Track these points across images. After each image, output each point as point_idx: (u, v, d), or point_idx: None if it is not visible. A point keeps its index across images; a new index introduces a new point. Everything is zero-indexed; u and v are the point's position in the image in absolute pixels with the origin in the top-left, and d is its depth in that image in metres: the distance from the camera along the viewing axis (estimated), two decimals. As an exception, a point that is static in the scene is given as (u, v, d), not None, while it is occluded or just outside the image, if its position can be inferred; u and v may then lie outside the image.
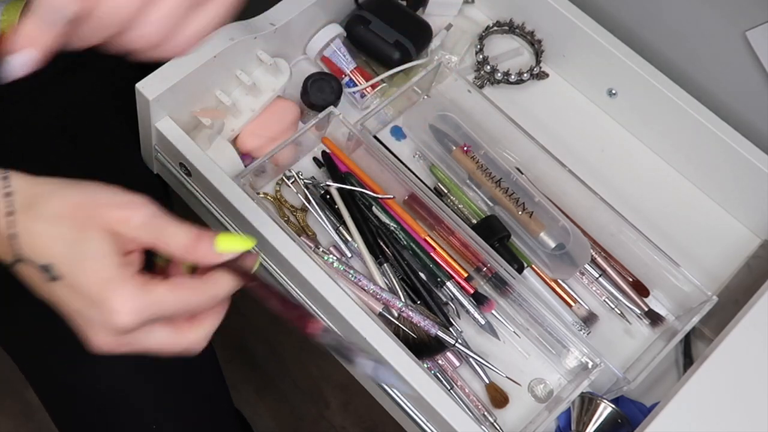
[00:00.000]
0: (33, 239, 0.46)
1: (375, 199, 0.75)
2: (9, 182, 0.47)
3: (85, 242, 0.46)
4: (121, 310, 0.45)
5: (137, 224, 0.47)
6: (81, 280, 0.45)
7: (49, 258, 0.46)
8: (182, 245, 0.47)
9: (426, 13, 0.87)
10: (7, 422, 1.31)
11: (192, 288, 0.48)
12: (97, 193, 0.47)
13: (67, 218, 0.46)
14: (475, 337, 0.74)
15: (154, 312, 0.46)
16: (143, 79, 0.68)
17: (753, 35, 0.76)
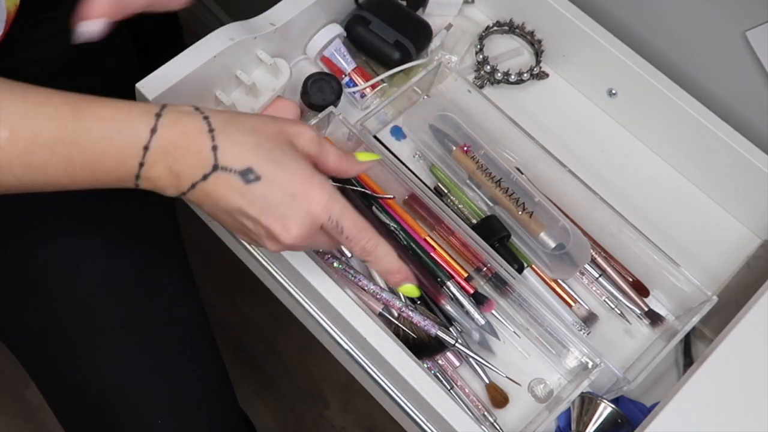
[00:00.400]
0: (233, 148, 0.54)
1: (375, 198, 0.75)
2: (203, 112, 0.55)
3: (281, 149, 0.55)
4: (320, 200, 0.54)
5: (309, 139, 0.57)
6: (284, 175, 0.54)
7: (248, 163, 0.53)
8: (337, 157, 0.59)
9: (426, 13, 0.87)
10: (7, 422, 1.31)
11: (368, 229, 0.57)
12: (275, 118, 0.57)
13: (260, 131, 0.55)
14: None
15: (340, 217, 0.55)
16: (143, 79, 0.68)
17: (753, 35, 0.76)
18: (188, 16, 1.58)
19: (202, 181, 0.54)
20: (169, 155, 0.54)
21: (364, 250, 0.57)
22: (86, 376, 0.72)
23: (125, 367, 0.72)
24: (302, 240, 0.55)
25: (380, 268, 0.59)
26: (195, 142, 0.53)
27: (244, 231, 0.57)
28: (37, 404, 1.32)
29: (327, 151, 0.58)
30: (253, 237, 0.57)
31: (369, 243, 0.57)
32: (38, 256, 0.73)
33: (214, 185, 0.54)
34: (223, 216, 0.56)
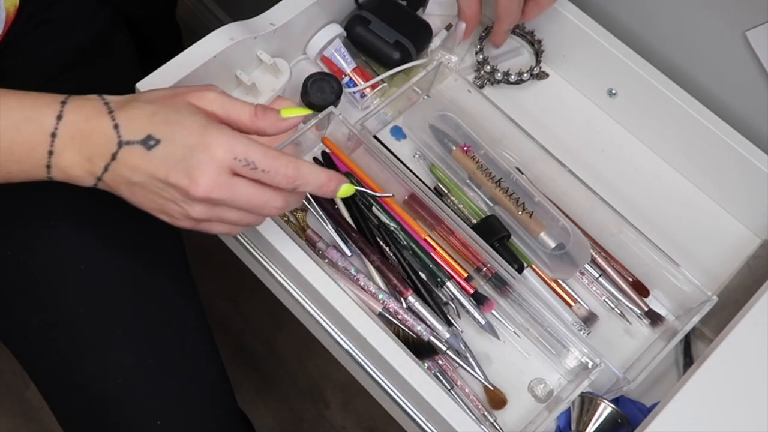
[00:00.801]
0: (132, 122, 0.54)
1: (374, 198, 0.75)
2: (104, 97, 0.57)
3: (177, 110, 0.55)
4: (219, 144, 0.53)
5: (211, 99, 0.56)
6: (181, 133, 0.54)
7: (147, 130, 0.54)
8: (250, 114, 0.57)
9: (426, 13, 0.87)
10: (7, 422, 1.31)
11: (282, 155, 0.55)
12: (175, 87, 0.58)
13: (155, 100, 0.56)
14: (475, 337, 0.74)
15: (246, 153, 0.54)
16: (143, 79, 0.68)
17: (753, 35, 0.76)
18: (188, 16, 1.59)
19: (112, 161, 0.54)
20: (76, 141, 0.55)
21: (287, 178, 0.56)
22: (86, 376, 0.72)
23: (125, 368, 0.72)
24: (215, 189, 0.54)
25: (312, 188, 0.58)
26: (98, 124, 0.54)
27: (162, 205, 0.56)
28: (37, 404, 1.32)
29: (238, 107, 0.57)
30: (173, 209, 0.56)
31: (289, 168, 0.56)
32: (38, 257, 0.73)
33: (124, 162, 0.54)
34: (140, 195, 0.56)
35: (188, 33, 1.24)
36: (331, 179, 0.58)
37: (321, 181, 0.58)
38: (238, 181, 0.55)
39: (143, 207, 0.57)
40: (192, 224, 0.58)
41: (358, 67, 0.81)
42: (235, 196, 0.55)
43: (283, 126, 0.59)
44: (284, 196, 0.57)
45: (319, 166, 0.58)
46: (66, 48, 0.81)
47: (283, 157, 0.55)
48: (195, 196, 0.54)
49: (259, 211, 0.57)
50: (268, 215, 0.59)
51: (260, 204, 0.56)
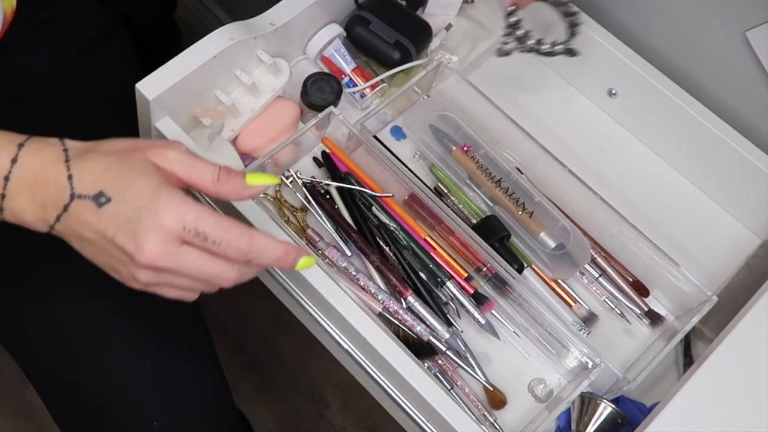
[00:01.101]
0: (86, 175, 0.52)
1: (374, 198, 0.75)
2: (64, 143, 0.54)
3: (131, 166, 0.52)
4: (167, 211, 0.50)
5: (171, 157, 0.53)
6: (131, 192, 0.51)
7: (100, 186, 0.52)
8: (212, 177, 0.54)
9: (426, 13, 0.87)
10: (7, 422, 1.31)
11: (235, 226, 0.52)
12: (138, 140, 0.55)
13: (114, 153, 0.53)
14: (475, 337, 0.74)
15: (197, 223, 0.51)
16: (143, 79, 0.68)
17: (753, 35, 0.76)
18: (188, 16, 1.59)
19: (64, 212, 0.52)
20: (30, 186, 0.53)
21: (240, 251, 0.52)
22: (83, 377, 0.72)
23: (122, 369, 0.71)
24: (161, 258, 0.51)
25: (268, 261, 0.54)
26: (53, 172, 0.52)
27: (111, 263, 0.54)
28: (37, 404, 1.32)
29: (200, 169, 0.54)
30: (122, 269, 0.53)
31: (242, 241, 0.52)
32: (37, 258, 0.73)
33: (75, 216, 0.52)
34: (91, 250, 0.54)
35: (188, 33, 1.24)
36: (288, 252, 0.55)
37: (277, 254, 0.54)
38: (187, 251, 0.52)
39: (95, 262, 0.55)
40: (141, 287, 0.54)
41: (358, 67, 0.81)
42: (183, 266, 0.52)
43: (246, 194, 0.55)
44: (238, 267, 0.54)
45: (276, 238, 0.54)
46: (66, 48, 0.81)
47: (237, 228, 0.52)
48: (139, 261, 0.51)
49: (210, 282, 0.54)
50: (221, 286, 0.55)
51: (211, 275, 0.53)
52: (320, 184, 0.76)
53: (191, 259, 0.52)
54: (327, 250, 0.72)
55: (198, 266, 0.52)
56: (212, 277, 0.53)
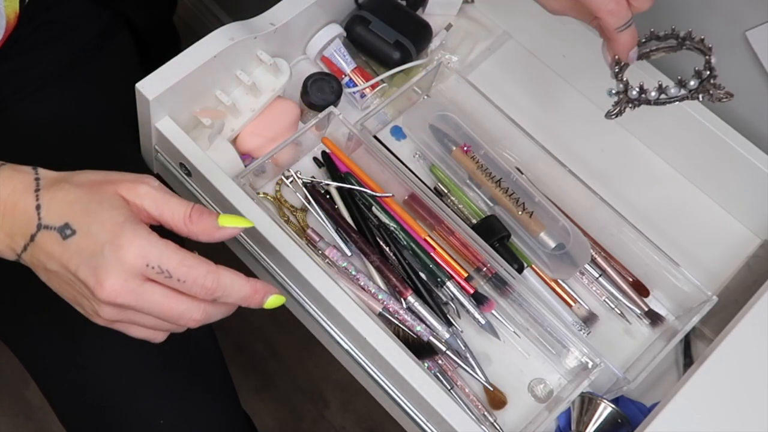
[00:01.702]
0: (54, 206, 0.51)
1: (374, 198, 0.75)
2: (37, 172, 0.53)
3: (99, 200, 0.51)
4: (130, 247, 0.49)
5: (143, 193, 0.52)
6: (96, 227, 0.50)
7: (66, 218, 0.51)
8: (184, 215, 0.52)
9: (426, 13, 0.87)
10: (7, 422, 1.31)
11: (201, 264, 0.51)
12: (110, 173, 0.54)
13: (84, 185, 0.52)
14: (475, 337, 0.74)
15: (160, 261, 0.50)
16: (143, 79, 0.68)
17: (753, 35, 0.76)
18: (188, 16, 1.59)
19: (31, 242, 0.52)
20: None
21: (206, 289, 0.51)
22: (87, 375, 0.72)
23: (126, 367, 0.72)
24: (122, 295, 0.50)
25: (235, 299, 0.53)
26: (22, 201, 0.52)
27: (75, 297, 0.53)
28: (37, 404, 1.32)
29: (172, 206, 0.53)
30: (85, 303, 0.53)
31: (208, 279, 0.51)
32: None
33: (41, 247, 0.52)
34: (56, 282, 0.54)
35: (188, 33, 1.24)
36: (256, 291, 0.53)
37: (244, 293, 0.53)
38: (149, 288, 0.50)
39: (60, 294, 0.54)
40: (105, 323, 0.53)
41: (358, 67, 0.81)
42: (145, 303, 0.51)
43: (217, 235, 0.53)
44: (204, 307, 0.52)
45: (244, 277, 0.52)
46: (66, 49, 0.81)
47: (203, 266, 0.51)
48: (99, 297, 0.50)
49: (175, 321, 0.52)
50: (185, 326, 0.54)
51: (175, 315, 0.51)
52: (320, 184, 0.76)
53: (154, 297, 0.50)
54: (327, 250, 0.72)
55: (161, 304, 0.51)
56: (176, 316, 0.51)
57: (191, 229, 0.53)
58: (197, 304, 0.52)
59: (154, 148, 0.74)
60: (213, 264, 0.51)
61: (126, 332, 0.55)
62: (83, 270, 0.50)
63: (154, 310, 0.51)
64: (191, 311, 0.52)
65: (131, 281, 0.50)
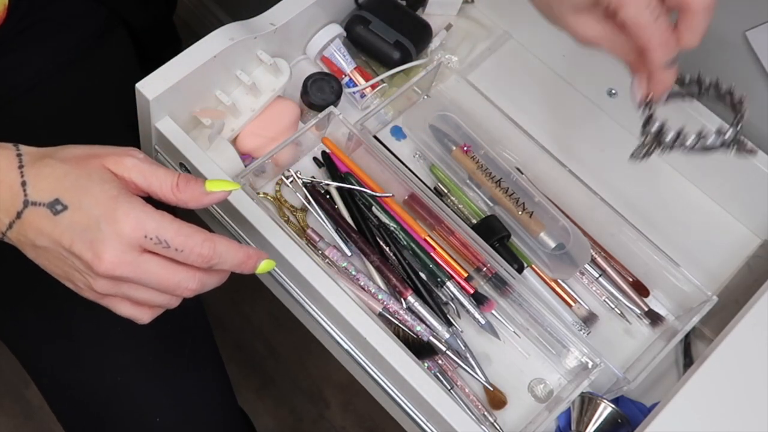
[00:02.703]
0: (40, 181, 0.51)
1: (374, 198, 0.75)
2: (18, 148, 0.53)
3: (89, 174, 0.51)
4: (127, 220, 0.49)
5: (130, 165, 0.52)
6: (89, 200, 0.50)
7: (56, 194, 0.51)
8: (171, 184, 0.53)
9: (426, 13, 0.87)
10: (7, 422, 1.31)
11: (197, 233, 0.51)
12: (95, 147, 0.54)
13: (70, 161, 0.52)
14: (475, 337, 0.74)
15: (158, 231, 0.50)
16: (143, 79, 0.68)
17: (753, 35, 0.76)
18: (188, 16, 1.59)
19: (17, 219, 0.51)
20: None
21: (202, 257, 0.51)
22: (86, 375, 0.72)
23: (125, 367, 0.72)
24: (120, 267, 0.50)
25: (230, 266, 0.53)
26: (6, 178, 0.51)
27: (67, 272, 0.53)
28: (37, 404, 1.32)
29: (159, 176, 0.53)
30: (78, 278, 0.53)
31: (204, 247, 0.51)
32: None
33: (29, 223, 0.51)
34: (45, 258, 0.53)
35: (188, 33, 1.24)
36: (249, 257, 0.54)
37: (239, 259, 0.53)
38: (148, 259, 0.51)
39: (48, 270, 0.54)
40: (96, 297, 0.54)
41: (358, 67, 0.81)
42: (143, 275, 0.51)
43: (205, 200, 0.54)
44: (199, 276, 0.53)
45: (237, 243, 0.53)
46: (63, 47, 0.81)
47: (198, 234, 0.51)
48: (98, 271, 0.50)
49: (171, 291, 0.53)
50: (182, 296, 0.54)
51: (172, 284, 0.52)
52: (320, 184, 0.76)
53: (151, 267, 0.51)
54: (327, 250, 0.72)
55: (158, 275, 0.51)
56: (173, 286, 0.52)
57: (179, 197, 0.53)
58: (193, 273, 0.52)
59: (154, 148, 0.74)
60: (208, 232, 0.52)
61: (114, 308, 0.54)
62: (78, 244, 0.50)
63: (151, 281, 0.51)
64: (187, 281, 0.52)
65: (129, 253, 0.50)
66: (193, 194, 0.53)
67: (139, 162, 0.53)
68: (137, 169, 0.53)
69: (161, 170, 0.53)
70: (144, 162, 0.53)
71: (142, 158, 0.53)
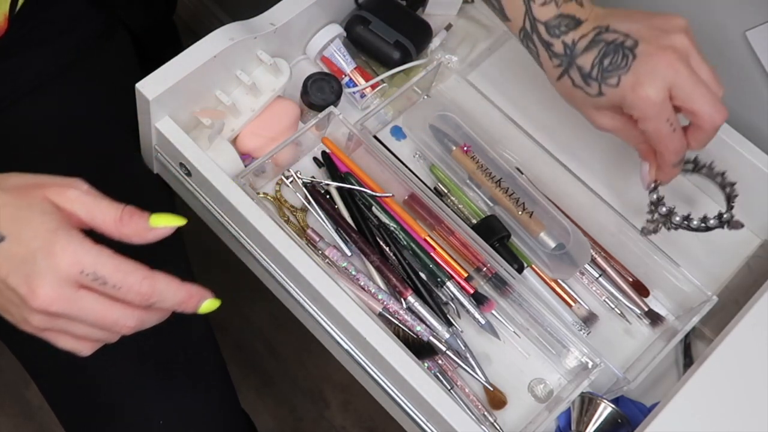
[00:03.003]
0: None
1: (374, 198, 0.75)
2: None
3: (30, 205, 0.50)
4: (64, 254, 0.48)
5: (72, 197, 0.51)
6: (28, 232, 0.49)
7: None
8: (114, 218, 0.51)
9: (426, 13, 0.87)
10: (7, 422, 1.31)
11: (137, 270, 0.50)
12: (39, 176, 0.53)
13: (12, 190, 0.51)
14: (475, 337, 0.74)
15: (95, 267, 0.49)
16: (143, 79, 0.68)
17: (753, 35, 0.76)
18: (188, 16, 1.59)
19: None
20: None
21: (141, 295, 0.50)
22: (87, 376, 0.72)
23: (126, 369, 0.72)
24: (55, 303, 0.49)
25: (170, 305, 0.52)
26: None
27: (3, 304, 0.51)
28: (37, 404, 1.32)
29: (102, 209, 0.51)
30: (14, 311, 0.51)
31: (143, 285, 0.50)
32: None
33: None
34: None
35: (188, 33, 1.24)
36: (191, 296, 0.52)
37: (179, 298, 0.52)
38: (84, 296, 0.49)
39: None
40: (33, 330, 0.52)
41: (358, 67, 0.81)
42: (79, 311, 0.50)
43: (149, 236, 0.52)
44: (138, 313, 0.51)
45: (179, 282, 0.52)
46: (64, 49, 0.81)
47: (139, 271, 0.50)
48: (32, 306, 0.49)
49: (108, 328, 0.51)
50: (120, 333, 0.53)
51: (109, 322, 0.50)
52: (320, 184, 0.76)
53: (87, 304, 0.50)
54: (327, 250, 0.72)
55: (95, 312, 0.50)
56: (110, 323, 0.51)
57: (123, 232, 0.51)
58: (131, 311, 0.51)
59: (154, 148, 0.74)
60: (149, 269, 0.51)
61: (54, 342, 0.53)
62: (14, 277, 0.49)
63: (88, 318, 0.50)
64: (125, 318, 0.51)
65: (65, 289, 0.49)
66: (136, 229, 0.52)
67: (82, 194, 0.51)
68: (80, 202, 0.51)
69: (104, 203, 0.52)
70: (87, 194, 0.52)
71: (86, 190, 0.52)
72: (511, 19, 0.69)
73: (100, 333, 0.52)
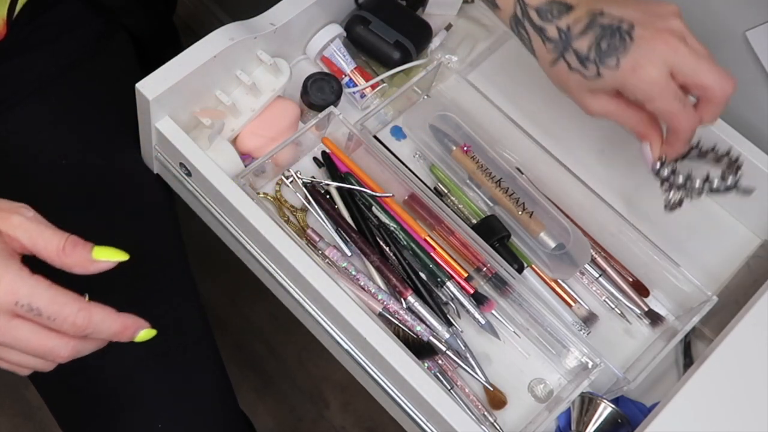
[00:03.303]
0: None
1: (374, 198, 0.75)
2: None
3: None
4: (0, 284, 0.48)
5: (16, 223, 0.51)
6: None
7: None
8: (57, 247, 0.51)
9: (426, 12, 0.87)
10: (7, 422, 1.31)
11: (72, 302, 0.50)
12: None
13: None
14: (475, 337, 0.74)
15: (30, 299, 0.49)
16: (143, 79, 0.68)
17: (753, 35, 0.76)
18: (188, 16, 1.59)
19: None
20: None
21: (76, 327, 0.50)
22: (85, 377, 0.72)
23: (124, 369, 0.72)
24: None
25: (105, 335, 0.52)
26: None
27: None
28: (37, 404, 1.32)
29: (45, 237, 0.51)
30: None
31: (79, 317, 0.50)
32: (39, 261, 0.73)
33: None
34: None
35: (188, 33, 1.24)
36: (126, 327, 0.53)
37: (115, 329, 0.52)
38: (17, 325, 0.49)
39: None
40: None
41: (358, 67, 0.81)
42: (12, 340, 0.50)
43: (91, 268, 0.52)
44: (73, 343, 0.51)
45: (115, 313, 0.52)
46: (64, 50, 0.81)
47: (74, 303, 0.50)
48: None
49: (43, 357, 0.52)
50: (55, 362, 0.53)
51: (43, 351, 0.51)
52: (320, 184, 0.76)
53: (20, 333, 0.50)
54: (327, 250, 0.72)
55: (28, 341, 0.50)
56: (44, 352, 0.51)
57: (65, 261, 0.51)
58: (67, 341, 0.51)
59: (154, 148, 0.74)
60: (84, 301, 0.51)
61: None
62: None
63: (21, 346, 0.50)
64: (60, 348, 0.51)
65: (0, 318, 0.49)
66: (79, 259, 0.51)
67: (26, 221, 0.51)
68: (23, 228, 0.51)
69: (48, 231, 0.51)
70: (32, 221, 0.51)
71: (31, 217, 0.52)
72: (501, 7, 0.69)
73: (34, 361, 0.52)
